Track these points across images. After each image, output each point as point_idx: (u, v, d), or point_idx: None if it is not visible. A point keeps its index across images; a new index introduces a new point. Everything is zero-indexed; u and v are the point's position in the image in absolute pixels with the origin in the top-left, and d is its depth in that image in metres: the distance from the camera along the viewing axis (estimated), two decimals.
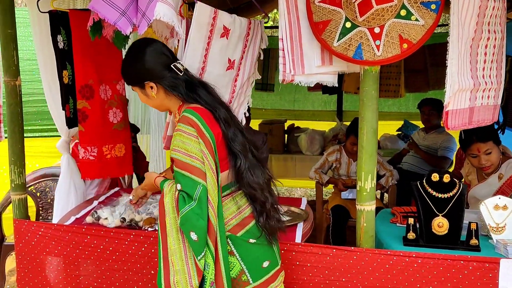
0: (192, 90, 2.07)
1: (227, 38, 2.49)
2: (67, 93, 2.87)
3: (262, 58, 2.81)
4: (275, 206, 2.11)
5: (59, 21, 2.78)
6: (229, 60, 2.56)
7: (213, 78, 2.37)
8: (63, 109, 2.85)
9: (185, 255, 1.91)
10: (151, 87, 2.06)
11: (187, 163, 1.90)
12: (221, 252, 1.93)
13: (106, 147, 3.00)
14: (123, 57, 2.14)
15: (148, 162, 4.34)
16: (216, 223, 1.92)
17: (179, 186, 1.90)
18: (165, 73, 2.05)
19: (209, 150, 1.93)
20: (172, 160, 1.98)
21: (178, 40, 2.39)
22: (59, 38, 2.79)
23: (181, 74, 2.07)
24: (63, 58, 2.84)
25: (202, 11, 2.34)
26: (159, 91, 2.07)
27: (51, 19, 2.75)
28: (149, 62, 2.04)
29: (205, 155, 1.92)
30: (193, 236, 1.86)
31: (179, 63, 2.09)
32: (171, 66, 2.06)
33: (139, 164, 4.00)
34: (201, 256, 1.89)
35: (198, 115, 1.97)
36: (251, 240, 2.01)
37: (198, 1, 2.32)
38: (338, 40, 2.29)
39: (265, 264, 2.04)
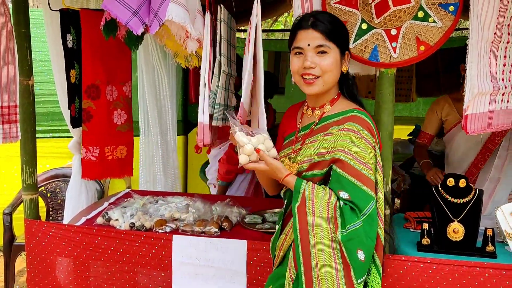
0: (354, 85, 1.90)
1: None
2: (74, 92, 2.87)
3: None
4: None
5: (69, 20, 2.78)
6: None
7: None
8: (68, 108, 2.84)
9: (336, 273, 1.66)
10: (345, 58, 1.86)
11: (360, 172, 1.70)
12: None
13: (108, 148, 2.99)
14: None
15: None
16: (383, 240, 1.78)
17: (345, 195, 1.68)
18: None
19: (380, 163, 1.78)
20: (331, 160, 1.75)
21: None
22: (69, 37, 2.79)
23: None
24: (71, 57, 2.84)
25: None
26: (344, 68, 1.85)
27: (61, 17, 2.75)
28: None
29: (380, 167, 1.76)
30: (361, 255, 1.65)
31: None
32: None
33: None
34: (362, 279, 1.68)
35: (373, 122, 1.79)
36: None
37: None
38: (354, 42, 2.25)
39: None
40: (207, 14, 2.25)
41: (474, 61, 2.09)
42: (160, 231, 2.52)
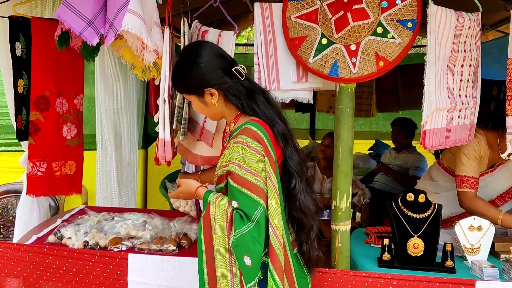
0: (252, 99, 1.88)
1: None
2: (21, 103, 2.75)
3: None
4: (318, 235, 1.94)
5: (19, 28, 2.68)
6: None
7: None
8: (15, 120, 2.72)
9: (231, 279, 1.76)
10: (211, 95, 1.88)
11: (248, 180, 1.74)
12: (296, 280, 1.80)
13: (56, 163, 2.87)
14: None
15: None
16: (282, 250, 1.74)
17: (235, 204, 1.74)
18: (226, 79, 1.87)
19: (273, 169, 1.77)
20: (227, 173, 1.81)
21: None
22: (18, 45, 2.69)
23: (242, 79, 1.89)
24: (20, 67, 2.73)
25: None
26: (219, 98, 1.89)
27: (10, 24, 2.65)
28: (209, 66, 1.85)
29: (269, 175, 1.76)
30: (247, 260, 1.69)
31: (241, 66, 1.91)
32: (232, 70, 1.88)
33: None
34: (251, 284, 1.71)
35: (264, 131, 1.81)
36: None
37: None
38: (314, 57, 2.25)
39: None
40: (166, 30, 2.21)
41: (432, 77, 2.12)
42: (115, 249, 2.43)
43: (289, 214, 1.87)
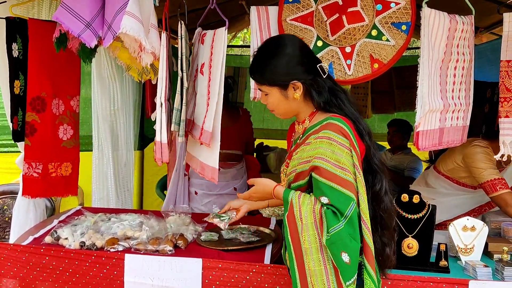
0: (335, 96, 1.82)
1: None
2: (17, 104, 2.76)
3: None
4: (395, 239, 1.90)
5: (16, 29, 2.69)
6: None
7: None
8: (11, 121, 2.73)
9: (327, 278, 1.67)
10: (295, 88, 1.80)
11: (337, 175, 1.68)
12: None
13: (52, 164, 2.87)
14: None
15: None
16: (373, 248, 1.70)
17: (325, 199, 1.68)
18: (311, 74, 1.80)
19: (360, 165, 1.72)
20: (310, 169, 1.74)
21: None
22: (14, 46, 2.69)
23: (324, 77, 1.83)
24: (16, 68, 2.74)
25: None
26: (301, 93, 1.81)
27: (7, 25, 2.65)
28: (297, 58, 1.78)
29: (357, 169, 1.70)
30: (345, 257, 1.63)
31: (323, 64, 1.84)
32: (317, 66, 1.81)
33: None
34: (350, 281, 1.66)
35: (348, 126, 1.75)
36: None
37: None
38: None
39: None
40: (164, 34, 2.23)
41: (425, 79, 2.15)
42: (112, 250, 2.43)
43: (372, 215, 1.80)
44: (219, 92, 2.28)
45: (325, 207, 1.69)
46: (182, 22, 2.41)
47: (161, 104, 2.28)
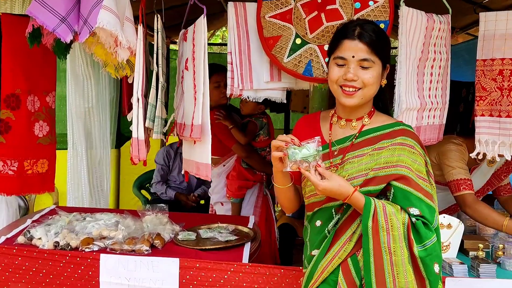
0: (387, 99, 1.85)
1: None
2: None
3: None
4: None
5: None
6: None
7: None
8: None
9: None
10: (385, 72, 1.77)
11: (421, 186, 1.68)
12: None
13: (28, 161, 2.81)
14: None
15: None
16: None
17: (416, 211, 1.64)
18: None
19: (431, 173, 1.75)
20: (391, 177, 1.69)
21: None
22: None
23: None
24: None
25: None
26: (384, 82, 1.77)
27: None
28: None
29: (431, 177, 1.73)
30: (436, 268, 1.66)
31: None
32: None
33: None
34: None
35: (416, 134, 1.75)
36: None
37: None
38: (288, 56, 2.27)
39: None
40: (140, 27, 2.19)
41: (403, 78, 2.16)
42: (87, 250, 2.39)
43: None
44: (205, 81, 2.23)
45: (414, 218, 1.65)
46: (159, 16, 2.38)
47: (138, 99, 2.25)
